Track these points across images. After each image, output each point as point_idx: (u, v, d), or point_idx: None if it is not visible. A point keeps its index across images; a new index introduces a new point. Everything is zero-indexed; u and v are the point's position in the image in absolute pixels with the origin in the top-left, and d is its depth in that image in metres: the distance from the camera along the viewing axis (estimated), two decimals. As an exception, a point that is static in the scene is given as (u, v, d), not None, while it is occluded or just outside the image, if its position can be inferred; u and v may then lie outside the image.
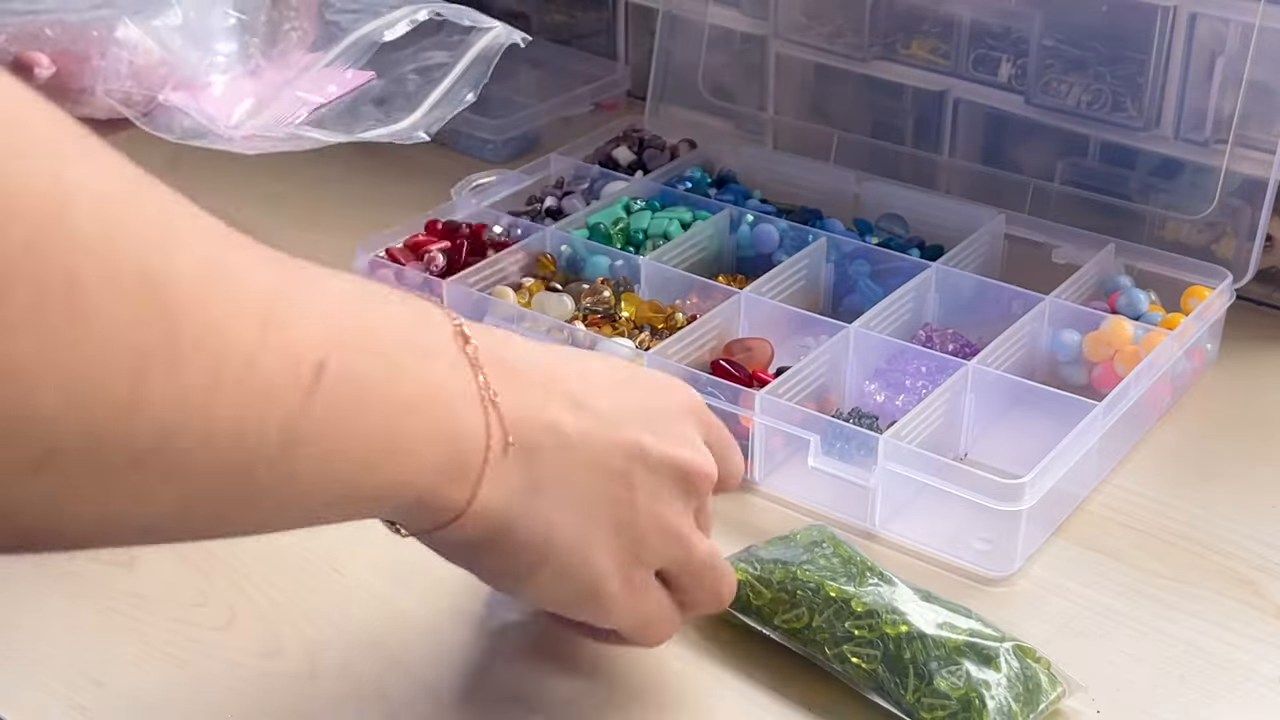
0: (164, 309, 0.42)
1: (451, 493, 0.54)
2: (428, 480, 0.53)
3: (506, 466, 0.55)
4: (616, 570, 0.60)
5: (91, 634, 0.73)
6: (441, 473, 0.54)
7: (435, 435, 0.53)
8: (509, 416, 0.55)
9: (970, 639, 0.67)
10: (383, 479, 0.52)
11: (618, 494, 0.59)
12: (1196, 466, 0.86)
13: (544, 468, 0.57)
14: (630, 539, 0.60)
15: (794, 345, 0.91)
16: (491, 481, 0.55)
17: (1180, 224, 0.99)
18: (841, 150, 1.11)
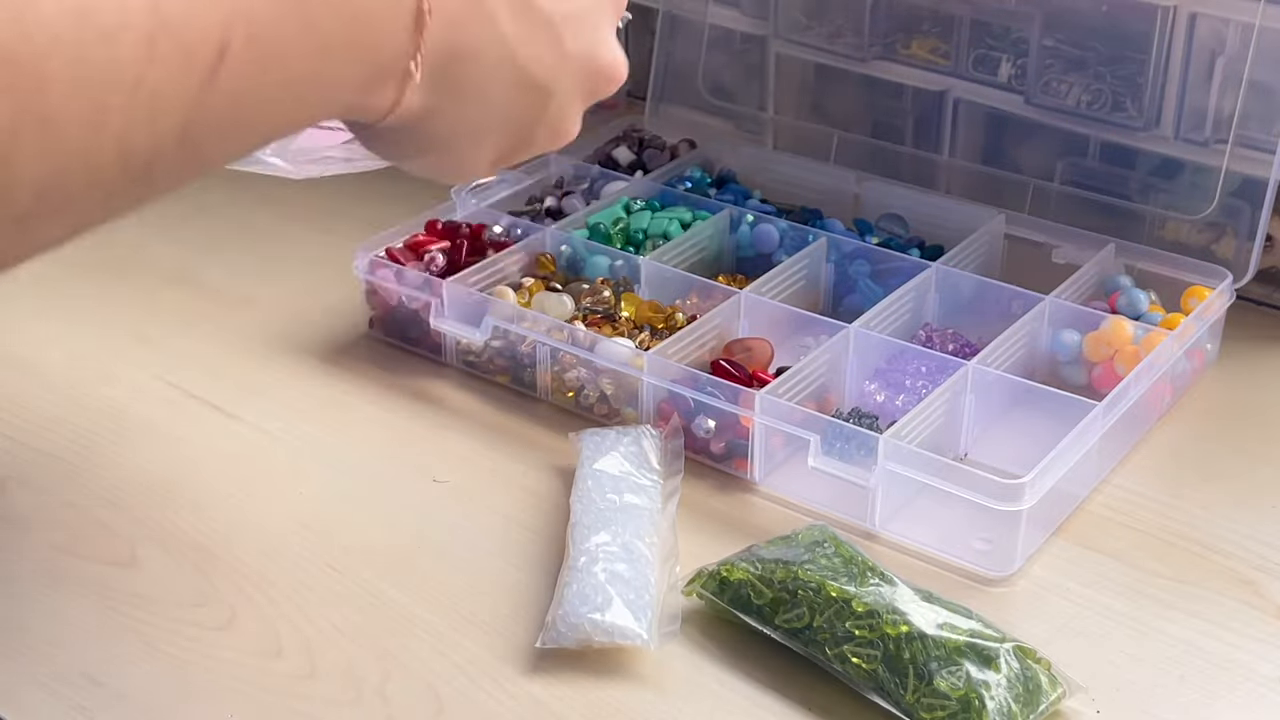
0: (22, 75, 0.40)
1: (372, 105, 0.53)
2: (346, 102, 0.52)
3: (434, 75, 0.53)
4: (488, 161, 0.60)
5: (91, 634, 0.73)
6: (360, 94, 0.52)
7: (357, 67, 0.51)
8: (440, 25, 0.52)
9: (970, 639, 0.67)
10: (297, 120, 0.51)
11: (530, 102, 0.58)
12: (1196, 466, 0.86)
13: (465, 71, 0.55)
14: (520, 141, 0.60)
15: (794, 345, 0.91)
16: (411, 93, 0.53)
17: (1180, 224, 0.99)
18: (841, 150, 1.11)
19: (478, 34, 0.54)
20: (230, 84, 0.45)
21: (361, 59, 0.51)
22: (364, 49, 0.51)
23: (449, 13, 0.52)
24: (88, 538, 0.80)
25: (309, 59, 0.49)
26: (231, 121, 0.47)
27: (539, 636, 0.70)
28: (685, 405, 0.85)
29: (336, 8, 0.49)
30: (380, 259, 0.97)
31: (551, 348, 0.90)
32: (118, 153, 0.43)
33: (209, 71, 0.45)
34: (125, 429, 0.89)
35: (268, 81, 0.47)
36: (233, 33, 0.45)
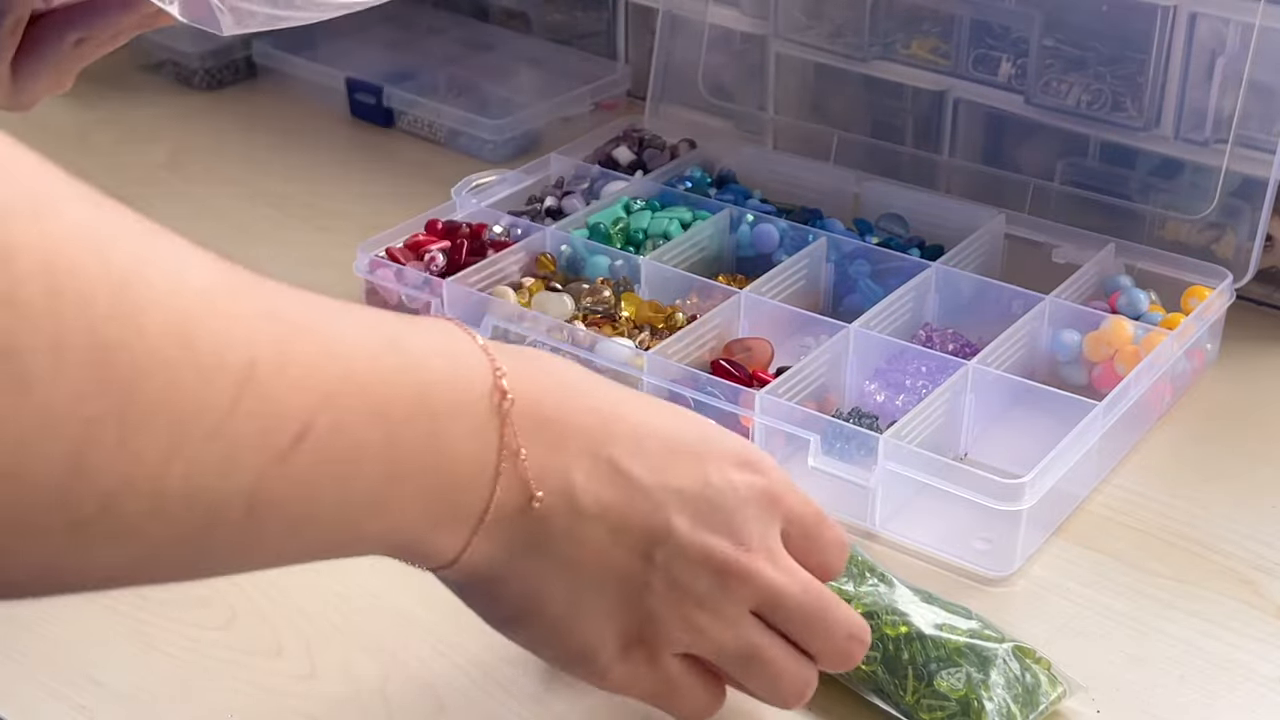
0: (116, 378, 0.40)
1: (438, 546, 0.52)
2: (412, 535, 0.51)
3: (507, 526, 0.53)
4: (614, 642, 0.56)
5: (91, 634, 0.73)
6: (429, 530, 0.51)
7: (431, 499, 0.51)
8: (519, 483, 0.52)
9: (970, 640, 0.67)
10: (361, 537, 0.50)
11: (631, 571, 0.55)
12: (1196, 466, 0.86)
13: (548, 533, 0.53)
14: (640, 617, 0.56)
15: (794, 345, 0.91)
16: (481, 542, 0.53)
17: (1180, 224, 0.99)
18: (841, 150, 1.11)
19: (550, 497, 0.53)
20: (302, 468, 0.45)
21: (435, 495, 0.50)
22: (441, 487, 0.50)
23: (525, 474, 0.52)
24: (88, 538, 0.80)
25: (383, 475, 0.48)
26: (297, 509, 0.46)
27: None
28: (685, 405, 0.85)
29: (425, 438, 0.49)
30: (380, 259, 0.97)
31: (551, 348, 0.90)
32: (184, 491, 0.42)
33: (287, 446, 0.44)
34: (125, 429, 0.89)
35: (339, 482, 0.47)
36: (319, 418, 0.45)
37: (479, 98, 1.28)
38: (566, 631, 0.56)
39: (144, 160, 1.23)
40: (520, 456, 0.52)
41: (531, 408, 0.52)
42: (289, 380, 0.44)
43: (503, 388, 0.51)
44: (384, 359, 0.48)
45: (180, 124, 1.31)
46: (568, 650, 0.57)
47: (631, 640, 0.56)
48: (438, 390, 0.50)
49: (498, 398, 0.51)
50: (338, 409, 0.46)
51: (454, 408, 0.50)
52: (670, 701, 0.59)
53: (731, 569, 0.56)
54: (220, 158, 1.24)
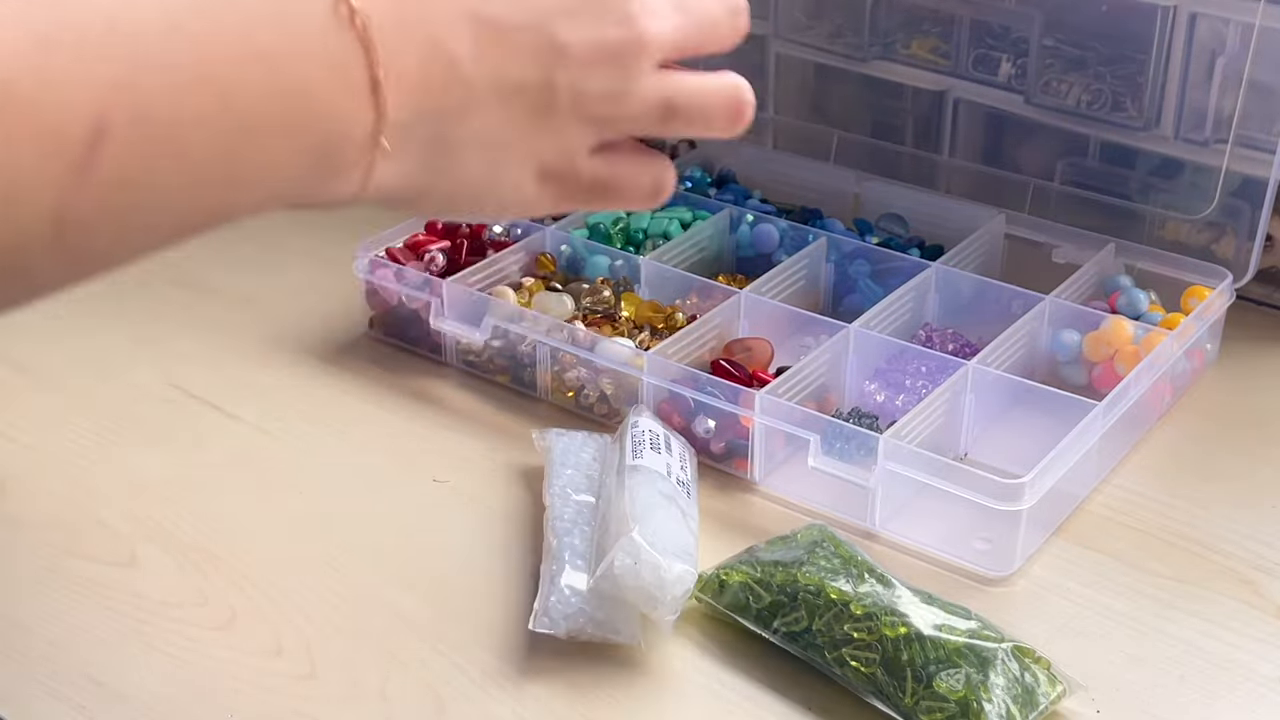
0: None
1: (330, 189, 0.48)
2: (289, 190, 0.47)
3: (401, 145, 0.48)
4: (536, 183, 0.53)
5: (91, 634, 0.73)
6: (310, 179, 0.47)
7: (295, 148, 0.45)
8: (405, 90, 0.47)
9: (970, 641, 0.67)
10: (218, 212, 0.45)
11: (537, 110, 0.51)
12: (1196, 466, 0.86)
13: (449, 126, 0.49)
14: (553, 147, 0.52)
15: (794, 345, 0.91)
16: (383, 166, 0.48)
17: (1180, 224, 0.99)
18: (841, 150, 1.11)
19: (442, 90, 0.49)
20: (116, 169, 0.41)
21: (298, 143, 0.45)
22: (302, 132, 0.45)
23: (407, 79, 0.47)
24: (88, 538, 0.80)
25: (223, 141, 0.43)
26: (124, 211, 0.42)
27: (531, 620, 0.70)
28: (685, 405, 0.85)
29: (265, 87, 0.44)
30: (380, 259, 0.97)
31: (551, 348, 0.90)
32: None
33: (81, 156, 0.40)
34: (125, 429, 0.89)
35: (166, 169, 0.42)
36: (111, 112, 0.40)
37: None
38: (492, 197, 0.53)
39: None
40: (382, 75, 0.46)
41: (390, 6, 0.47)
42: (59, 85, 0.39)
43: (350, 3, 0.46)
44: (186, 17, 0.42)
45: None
46: (496, 209, 0.54)
47: (548, 171, 0.53)
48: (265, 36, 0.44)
49: (345, 13, 0.45)
50: (134, 94, 0.41)
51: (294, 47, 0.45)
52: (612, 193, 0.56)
53: (629, 52, 0.52)
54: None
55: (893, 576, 0.71)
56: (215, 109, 0.42)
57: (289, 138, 0.45)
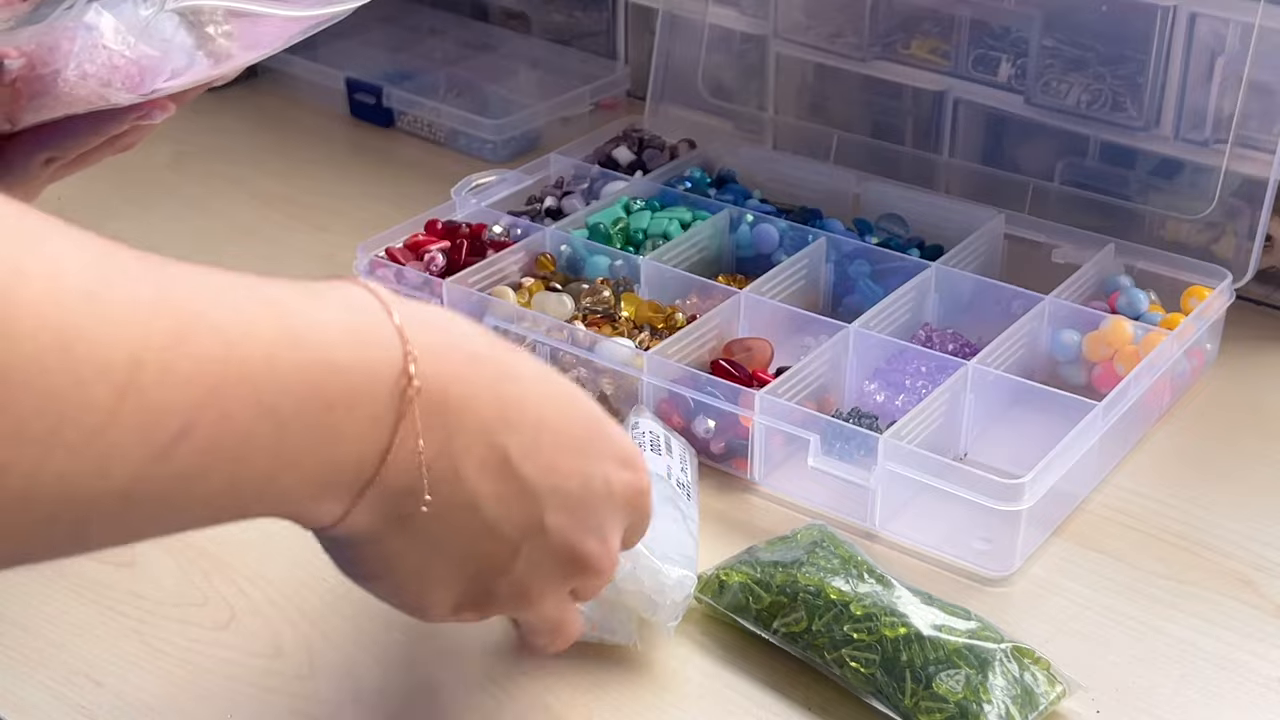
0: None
1: (320, 514, 0.51)
2: (296, 508, 0.51)
3: (387, 501, 0.52)
4: (449, 603, 0.58)
5: (91, 634, 0.73)
6: (315, 501, 0.50)
7: (319, 477, 0.49)
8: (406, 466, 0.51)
9: (969, 641, 0.67)
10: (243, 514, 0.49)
11: (496, 559, 0.56)
12: (1196, 466, 0.86)
13: (429, 515, 0.53)
14: (484, 590, 0.57)
15: (794, 345, 0.91)
16: (365, 511, 0.52)
17: (1180, 224, 0.99)
18: (841, 150, 1.11)
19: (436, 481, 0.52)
20: (184, 465, 0.44)
21: (321, 472, 0.49)
22: (326, 470, 0.49)
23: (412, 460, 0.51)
24: (88, 538, 0.80)
25: (269, 463, 0.47)
26: (175, 500, 0.45)
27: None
28: (685, 405, 0.85)
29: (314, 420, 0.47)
30: (380, 259, 0.97)
31: (551, 348, 0.89)
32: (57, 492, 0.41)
33: (167, 446, 0.43)
34: (125, 429, 0.89)
35: (221, 473, 0.46)
36: (201, 417, 0.44)
37: (479, 98, 1.28)
38: (412, 593, 0.57)
39: (146, 160, 1.23)
40: (419, 448, 0.51)
41: (437, 394, 0.51)
42: (174, 378, 0.43)
43: (410, 374, 0.50)
44: (279, 349, 0.47)
45: (182, 124, 1.30)
46: (405, 604, 0.58)
47: (465, 603, 0.58)
48: (337, 380, 0.48)
49: (404, 383, 0.50)
50: (224, 404, 0.45)
51: (353, 397, 0.49)
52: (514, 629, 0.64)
53: (590, 566, 0.58)
54: (221, 158, 1.24)
55: (892, 577, 0.71)
56: (272, 432, 0.46)
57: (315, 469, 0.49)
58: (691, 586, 0.70)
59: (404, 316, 0.51)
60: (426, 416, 0.51)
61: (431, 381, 0.51)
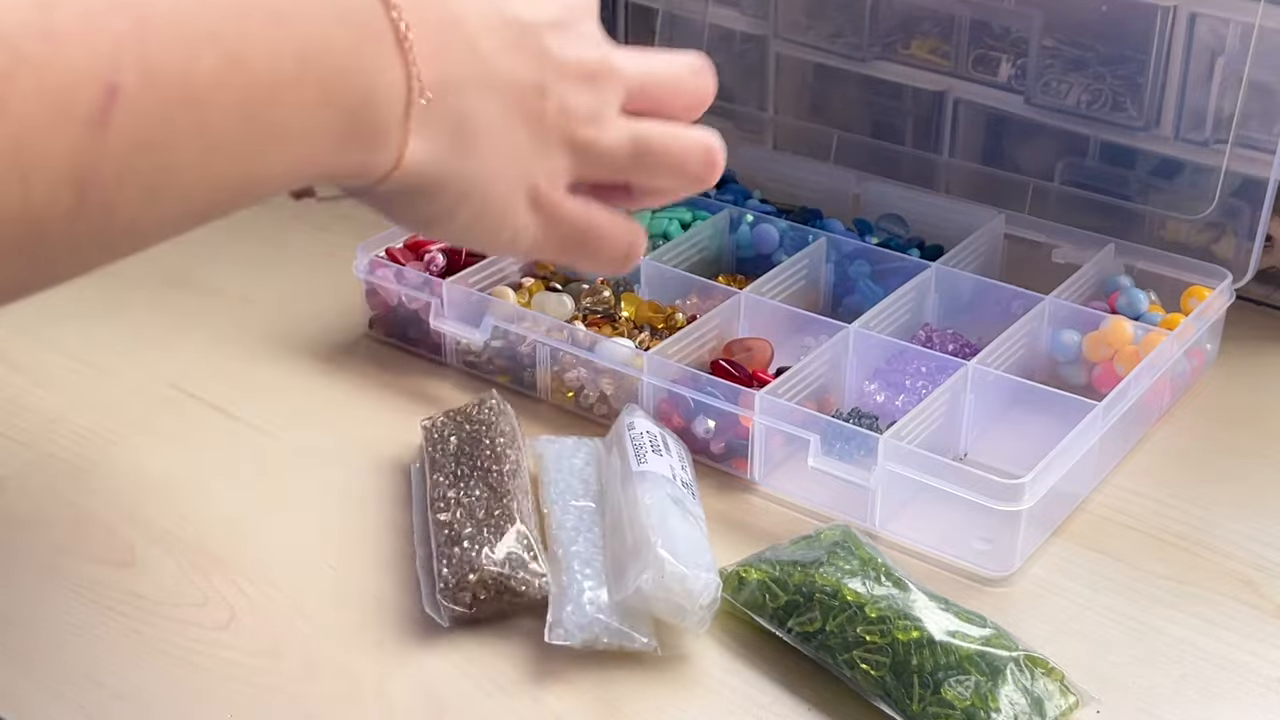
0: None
1: (369, 158, 0.47)
2: (325, 157, 0.46)
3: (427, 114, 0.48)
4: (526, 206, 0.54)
5: (91, 634, 0.73)
6: (347, 144, 0.46)
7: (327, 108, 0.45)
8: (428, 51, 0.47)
9: (982, 648, 0.67)
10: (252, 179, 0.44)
11: (529, 110, 0.51)
12: (1196, 466, 0.86)
13: (463, 101, 0.49)
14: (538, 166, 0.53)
15: (794, 345, 0.91)
16: (415, 137, 0.48)
17: (1180, 224, 0.99)
18: (841, 150, 1.11)
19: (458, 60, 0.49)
20: (131, 130, 0.40)
21: (330, 102, 0.45)
22: (333, 89, 0.45)
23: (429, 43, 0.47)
24: (88, 538, 0.80)
25: (240, 100, 0.42)
26: (147, 174, 0.41)
27: (546, 632, 0.70)
28: (685, 405, 0.85)
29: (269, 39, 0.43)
30: (380, 259, 0.97)
31: (551, 348, 0.90)
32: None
33: (97, 114, 0.39)
34: (125, 429, 0.89)
35: (184, 128, 0.41)
36: (121, 70, 0.39)
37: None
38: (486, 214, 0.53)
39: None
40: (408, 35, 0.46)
41: None
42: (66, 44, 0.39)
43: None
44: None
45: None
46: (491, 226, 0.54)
47: (539, 188, 0.54)
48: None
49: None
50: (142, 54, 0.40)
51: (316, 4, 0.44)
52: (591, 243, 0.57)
53: (602, 73, 0.54)
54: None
55: (910, 580, 0.71)
56: (226, 66, 0.42)
57: (311, 97, 0.44)
58: (717, 590, 0.70)
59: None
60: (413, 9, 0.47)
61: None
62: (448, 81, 0.48)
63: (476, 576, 0.72)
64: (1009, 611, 0.74)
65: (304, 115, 0.44)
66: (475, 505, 0.76)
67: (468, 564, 0.72)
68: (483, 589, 0.72)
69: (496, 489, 0.77)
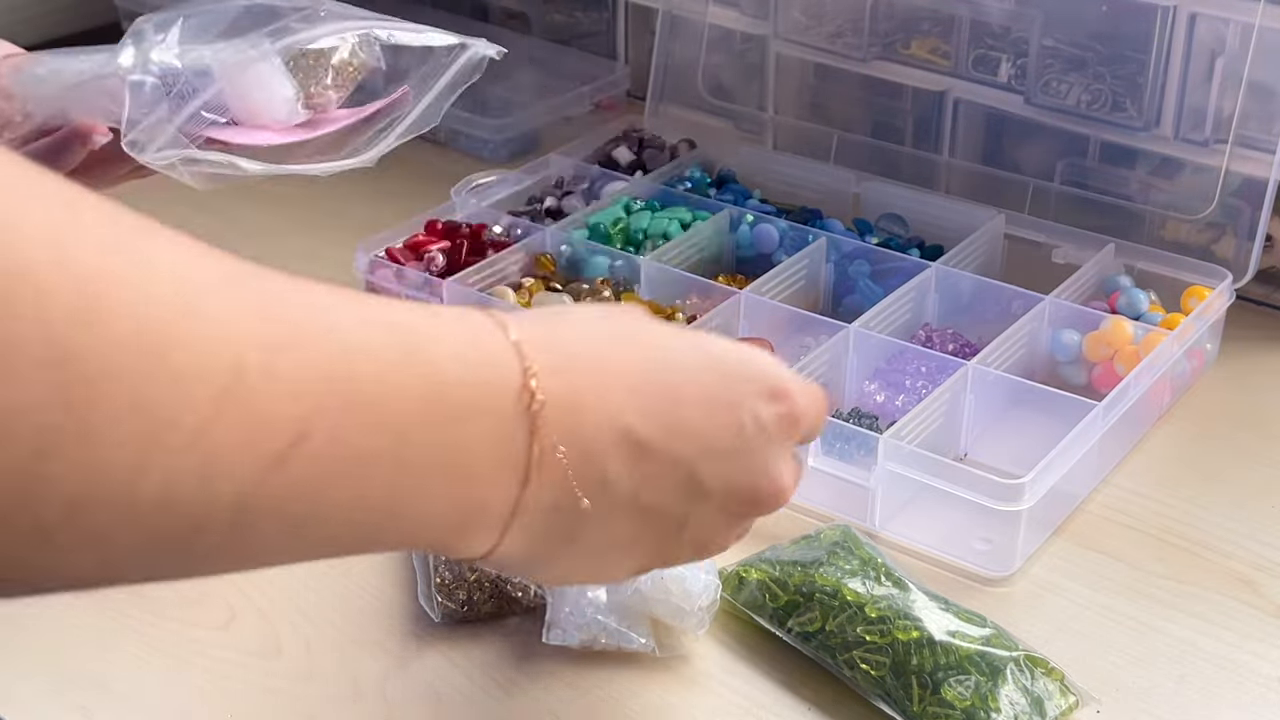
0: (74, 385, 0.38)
1: (463, 547, 0.50)
2: (431, 537, 0.49)
3: (541, 520, 0.51)
4: (630, 574, 0.57)
5: (91, 634, 0.73)
6: (452, 533, 0.49)
7: (450, 504, 0.48)
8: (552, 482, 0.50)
9: (982, 648, 0.67)
10: (379, 538, 0.48)
11: (662, 534, 0.55)
12: (1196, 466, 0.86)
13: (583, 523, 0.52)
14: (662, 561, 0.57)
15: (794, 345, 0.91)
16: (511, 539, 0.50)
17: (1180, 224, 0.99)
18: (841, 150, 1.11)
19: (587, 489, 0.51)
20: (301, 477, 0.43)
21: (454, 500, 0.48)
22: (460, 491, 0.48)
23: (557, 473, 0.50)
24: (88, 538, 0.80)
25: (394, 483, 0.46)
26: (294, 517, 0.44)
27: (544, 633, 0.70)
28: (685, 405, 0.85)
29: (441, 442, 0.47)
30: (380, 259, 0.97)
31: (551, 348, 0.89)
32: (159, 500, 0.40)
33: (279, 455, 0.42)
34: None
35: (342, 488, 0.44)
36: (315, 425, 0.43)
37: (479, 98, 1.28)
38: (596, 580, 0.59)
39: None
40: (559, 454, 0.50)
41: (565, 403, 0.50)
42: (281, 384, 0.42)
43: (532, 389, 0.49)
44: (393, 365, 0.46)
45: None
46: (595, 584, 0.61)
47: (645, 568, 0.57)
48: (455, 394, 0.47)
49: (526, 399, 0.49)
50: (337, 416, 0.43)
51: (475, 411, 0.48)
52: None
53: (763, 502, 0.56)
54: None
55: (910, 580, 0.71)
56: (392, 447, 0.45)
57: (446, 490, 0.48)
58: (716, 591, 0.70)
59: (519, 336, 0.50)
60: (557, 424, 0.50)
61: (555, 393, 0.49)
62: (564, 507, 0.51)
63: (475, 576, 0.72)
64: (1009, 611, 0.74)
65: (432, 504, 0.48)
66: None
67: (466, 563, 0.72)
68: (479, 589, 0.72)
69: None
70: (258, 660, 0.72)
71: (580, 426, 0.51)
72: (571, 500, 0.51)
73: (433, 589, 0.72)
